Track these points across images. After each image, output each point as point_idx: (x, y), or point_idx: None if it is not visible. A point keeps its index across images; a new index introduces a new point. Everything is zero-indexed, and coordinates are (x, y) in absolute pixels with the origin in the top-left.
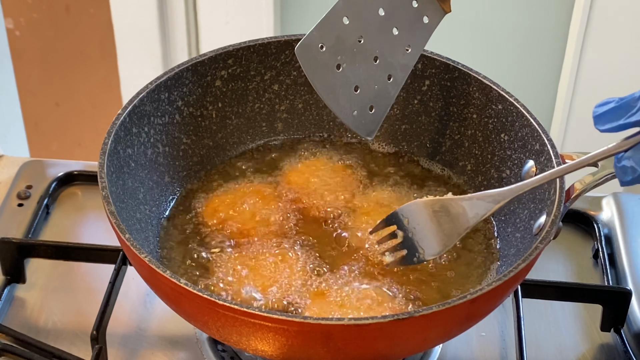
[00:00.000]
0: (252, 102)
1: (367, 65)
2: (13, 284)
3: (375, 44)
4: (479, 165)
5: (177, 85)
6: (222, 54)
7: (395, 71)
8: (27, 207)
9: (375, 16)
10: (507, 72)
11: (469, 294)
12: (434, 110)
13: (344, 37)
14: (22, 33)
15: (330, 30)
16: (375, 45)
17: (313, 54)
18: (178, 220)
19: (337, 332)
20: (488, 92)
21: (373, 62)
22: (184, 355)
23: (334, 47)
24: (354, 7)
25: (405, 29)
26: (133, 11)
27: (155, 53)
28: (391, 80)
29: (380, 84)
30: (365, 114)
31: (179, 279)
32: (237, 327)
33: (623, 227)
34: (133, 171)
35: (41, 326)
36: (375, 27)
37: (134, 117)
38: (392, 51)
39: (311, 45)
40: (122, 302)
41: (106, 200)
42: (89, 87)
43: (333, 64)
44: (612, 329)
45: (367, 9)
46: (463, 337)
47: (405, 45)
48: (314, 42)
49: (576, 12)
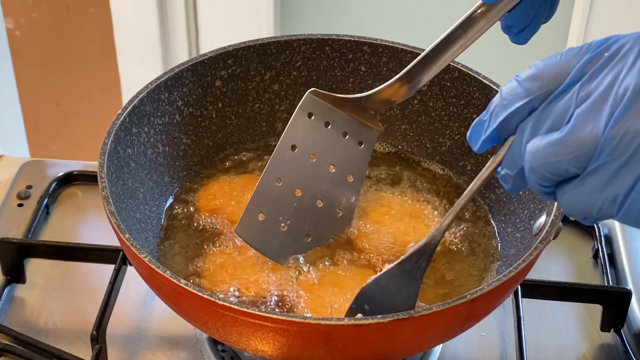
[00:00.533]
0: (252, 102)
1: (312, 211)
2: (13, 284)
3: (315, 189)
4: (479, 165)
5: (177, 85)
6: (222, 54)
7: (342, 206)
8: (27, 207)
9: (308, 165)
10: (507, 72)
11: (469, 294)
12: (434, 110)
13: (281, 197)
14: (22, 33)
15: (265, 198)
16: (316, 190)
17: (254, 227)
18: (178, 220)
19: (337, 332)
20: (488, 92)
21: (317, 206)
22: (184, 355)
23: (272, 211)
24: (283, 166)
25: (342, 162)
26: (133, 11)
27: (155, 53)
28: (340, 214)
29: (331, 220)
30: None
31: (179, 279)
32: (237, 327)
33: (623, 227)
34: (133, 171)
35: (41, 326)
36: (311, 174)
37: (134, 117)
38: (334, 187)
39: (250, 222)
40: (122, 302)
41: (106, 200)
42: (89, 87)
43: (277, 226)
44: (612, 329)
45: (298, 162)
46: (463, 337)
47: (347, 175)
48: (251, 217)
49: (576, 12)
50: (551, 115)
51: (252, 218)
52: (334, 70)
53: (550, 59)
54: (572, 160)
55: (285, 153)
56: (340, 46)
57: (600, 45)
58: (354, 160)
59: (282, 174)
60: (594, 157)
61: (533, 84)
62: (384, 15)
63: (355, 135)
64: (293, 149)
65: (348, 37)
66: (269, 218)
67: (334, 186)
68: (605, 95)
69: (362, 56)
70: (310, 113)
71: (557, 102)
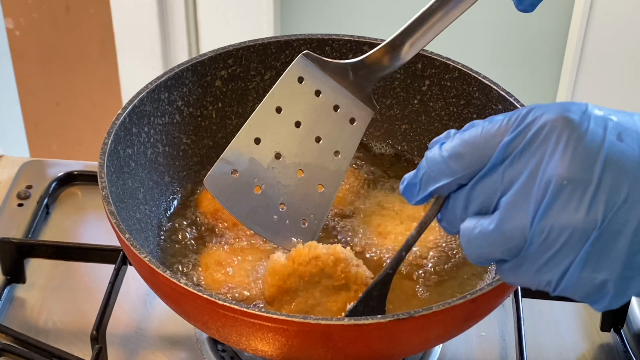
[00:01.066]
0: (252, 102)
1: (291, 180)
2: (13, 284)
3: (297, 158)
4: None
5: (177, 85)
6: (222, 54)
7: (326, 180)
8: (27, 207)
9: (292, 131)
10: (507, 72)
11: (469, 294)
12: (434, 110)
13: (259, 158)
14: (22, 33)
15: (241, 154)
16: (298, 159)
17: (225, 181)
18: (178, 220)
19: (337, 332)
20: (488, 92)
21: (297, 176)
22: (184, 355)
23: (247, 170)
24: (265, 126)
25: (330, 136)
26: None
27: (155, 53)
28: (323, 190)
29: (310, 196)
30: (298, 228)
31: (179, 279)
32: (237, 327)
33: None
34: (133, 171)
35: (41, 326)
36: (295, 141)
37: (134, 117)
38: (318, 161)
39: (221, 174)
40: (122, 302)
41: (106, 200)
42: (89, 87)
43: (250, 187)
44: (612, 329)
45: (282, 125)
46: (463, 337)
47: (333, 151)
48: (223, 169)
49: (576, 12)
50: (479, 196)
51: (224, 173)
52: None
53: (471, 134)
54: (504, 251)
55: (268, 113)
56: (340, 46)
57: (520, 125)
58: (343, 137)
59: (262, 134)
60: (524, 248)
61: (456, 164)
62: (384, 15)
63: (347, 111)
64: (278, 111)
65: (348, 37)
66: (242, 177)
67: (318, 158)
68: (528, 185)
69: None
70: (300, 77)
71: (483, 183)
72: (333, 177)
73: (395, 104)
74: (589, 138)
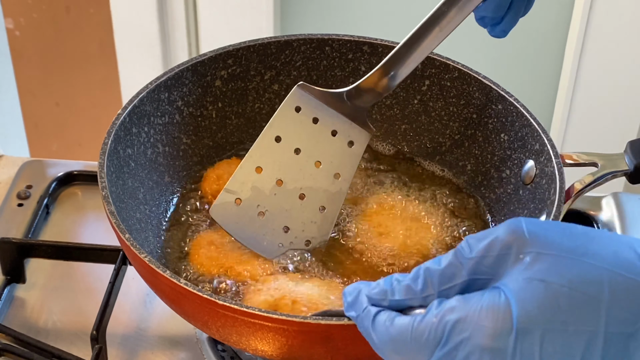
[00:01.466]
0: (252, 102)
1: (293, 204)
2: (13, 284)
3: (298, 183)
4: (479, 165)
5: (177, 85)
6: (222, 54)
7: (327, 202)
8: (27, 207)
9: (292, 158)
10: (507, 72)
11: None
12: (434, 110)
13: (261, 185)
14: (22, 33)
15: (243, 183)
16: (299, 184)
17: (229, 210)
18: (178, 220)
19: (337, 332)
20: (488, 92)
21: (299, 200)
22: (184, 355)
23: (250, 198)
24: (266, 155)
25: (329, 160)
26: (133, 11)
27: (155, 53)
28: (325, 211)
29: (313, 218)
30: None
31: (179, 279)
32: (237, 327)
33: (623, 227)
34: (133, 171)
35: (41, 326)
36: (295, 168)
37: (134, 117)
38: (319, 184)
39: (225, 204)
40: (122, 302)
41: (106, 200)
42: (89, 87)
43: (254, 213)
44: None
45: (282, 153)
46: None
47: (333, 174)
48: (227, 199)
49: (576, 12)
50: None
51: (228, 202)
52: (334, 70)
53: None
54: None
55: (268, 143)
56: (340, 46)
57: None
58: (343, 160)
59: (263, 163)
60: None
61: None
62: (384, 15)
63: (345, 135)
64: (277, 140)
65: (348, 37)
66: (246, 204)
67: (319, 182)
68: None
69: (362, 56)
70: (297, 107)
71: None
72: (334, 198)
73: (395, 104)
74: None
